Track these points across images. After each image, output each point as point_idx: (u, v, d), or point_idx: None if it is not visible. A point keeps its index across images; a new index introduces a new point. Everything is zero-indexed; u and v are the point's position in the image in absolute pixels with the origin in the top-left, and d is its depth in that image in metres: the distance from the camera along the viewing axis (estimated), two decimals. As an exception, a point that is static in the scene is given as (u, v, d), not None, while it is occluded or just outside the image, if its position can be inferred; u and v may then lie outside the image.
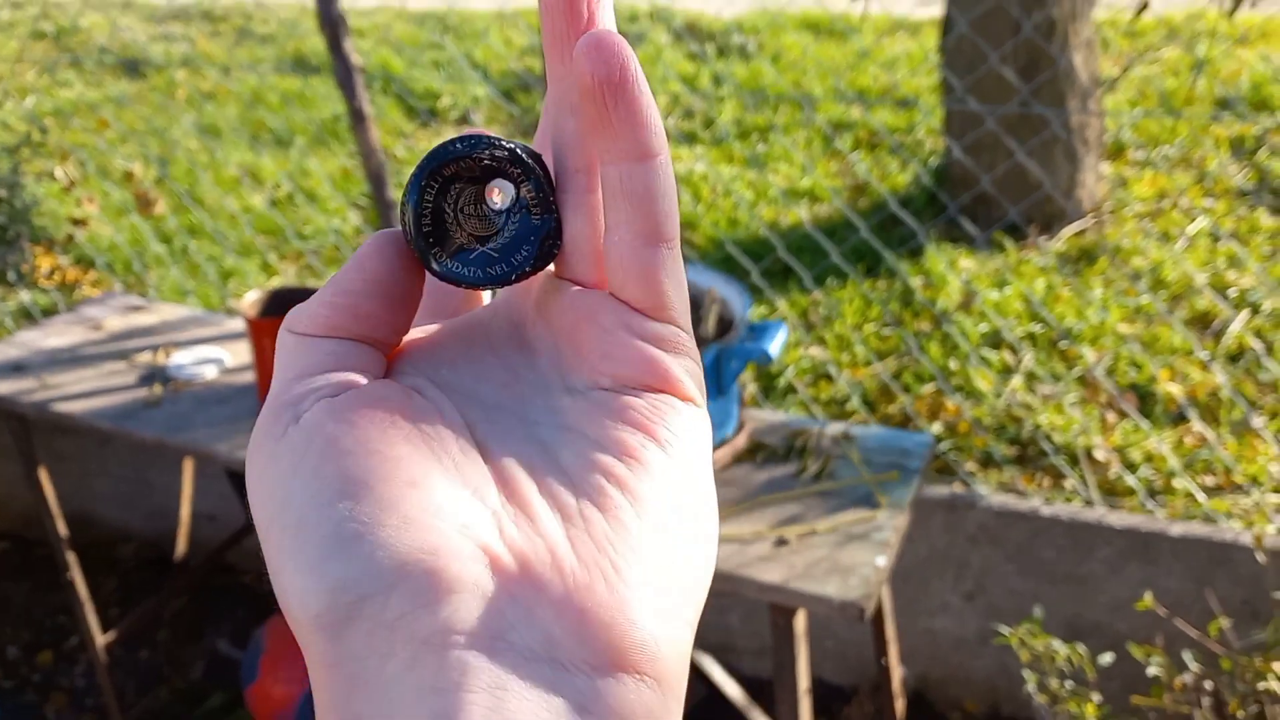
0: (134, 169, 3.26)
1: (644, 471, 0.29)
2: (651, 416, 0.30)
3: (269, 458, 0.29)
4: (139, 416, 1.62)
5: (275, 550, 0.28)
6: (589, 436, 0.30)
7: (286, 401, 0.30)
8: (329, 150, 3.84)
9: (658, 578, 0.28)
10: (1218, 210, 3.09)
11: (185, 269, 3.14)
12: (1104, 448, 2.22)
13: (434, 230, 0.31)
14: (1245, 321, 2.58)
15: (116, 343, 1.85)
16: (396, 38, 4.75)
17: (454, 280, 0.32)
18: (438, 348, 0.33)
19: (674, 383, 0.31)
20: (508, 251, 0.32)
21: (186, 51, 4.83)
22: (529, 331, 0.34)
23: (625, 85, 0.28)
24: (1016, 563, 1.78)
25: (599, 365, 0.31)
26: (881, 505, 1.31)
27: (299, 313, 0.31)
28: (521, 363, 0.33)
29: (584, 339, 0.31)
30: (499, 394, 0.32)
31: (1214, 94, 3.76)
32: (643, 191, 0.29)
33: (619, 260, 0.30)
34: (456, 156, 0.31)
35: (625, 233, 0.30)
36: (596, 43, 0.28)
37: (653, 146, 0.29)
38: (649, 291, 0.30)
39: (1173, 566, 1.71)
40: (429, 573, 0.26)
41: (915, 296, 2.77)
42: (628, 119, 0.29)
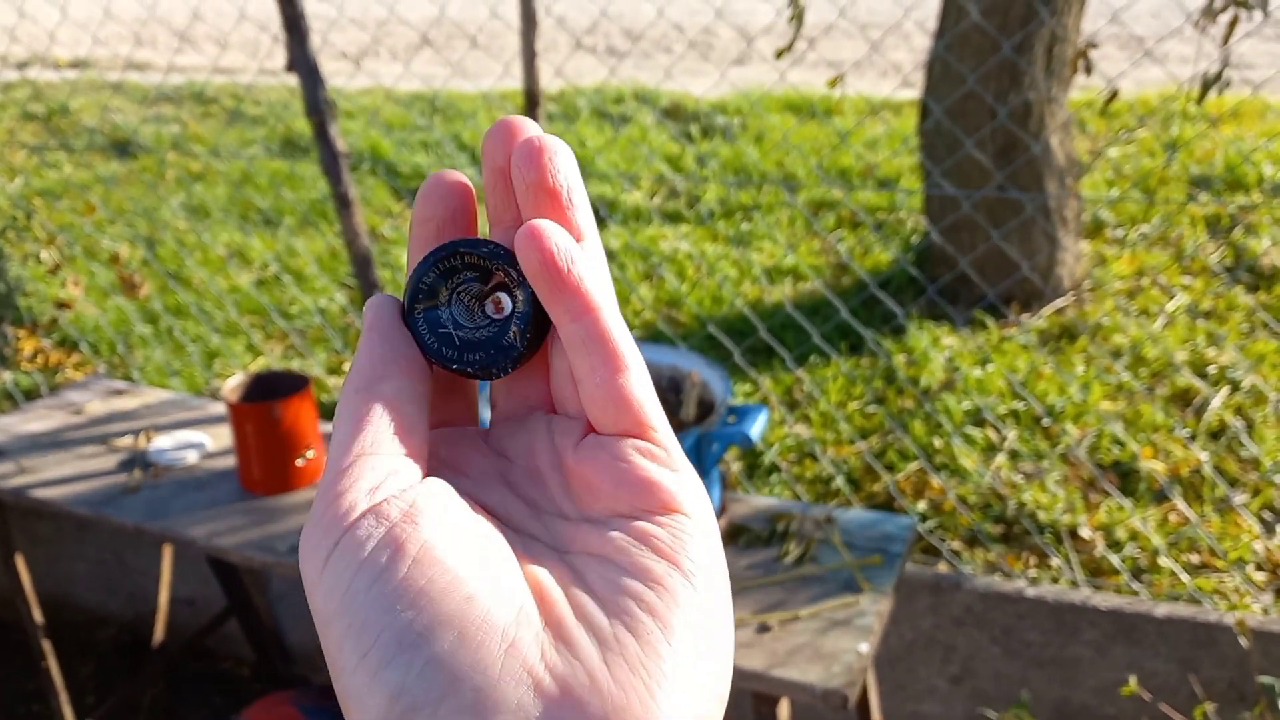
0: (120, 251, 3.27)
1: (671, 600, 0.31)
2: (674, 546, 0.32)
3: (330, 556, 0.30)
4: (118, 502, 1.61)
5: (336, 646, 0.29)
6: (616, 564, 0.32)
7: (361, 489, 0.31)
8: (316, 231, 3.87)
9: (687, 699, 0.30)
10: (1195, 288, 3.12)
11: (170, 350, 3.14)
12: (1088, 527, 2.22)
13: (429, 328, 0.35)
14: (1225, 399, 2.60)
15: (97, 427, 1.85)
16: (384, 120, 4.81)
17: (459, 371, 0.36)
18: (460, 476, 0.36)
19: (675, 497, 0.34)
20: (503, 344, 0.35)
21: (176, 133, 4.88)
22: (539, 467, 0.37)
23: (566, 268, 0.33)
24: (1002, 645, 1.77)
25: (612, 497, 0.34)
26: (865, 590, 1.31)
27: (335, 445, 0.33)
28: (538, 495, 0.36)
29: (592, 473, 0.34)
30: (526, 522, 0.35)
31: (1189, 174, 3.82)
32: (600, 335, 0.33)
33: (602, 398, 0.34)
34: (452, 250, 0.35)
35: (598, 371, 0.34)
36: (534, 237, 0.33)
37: (597, 299, 0.34)
38: (634, 412, 0.34)
39: (1158, 648, 1.70)
40: (477, 690, 0.28)
41: (898, 375, 2.78)
42: (573, 289, 0.33)
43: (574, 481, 0.35)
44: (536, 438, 0.37)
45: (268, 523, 1.54)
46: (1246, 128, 4.19)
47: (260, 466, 1.60)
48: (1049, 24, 2.76)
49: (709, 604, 0.32)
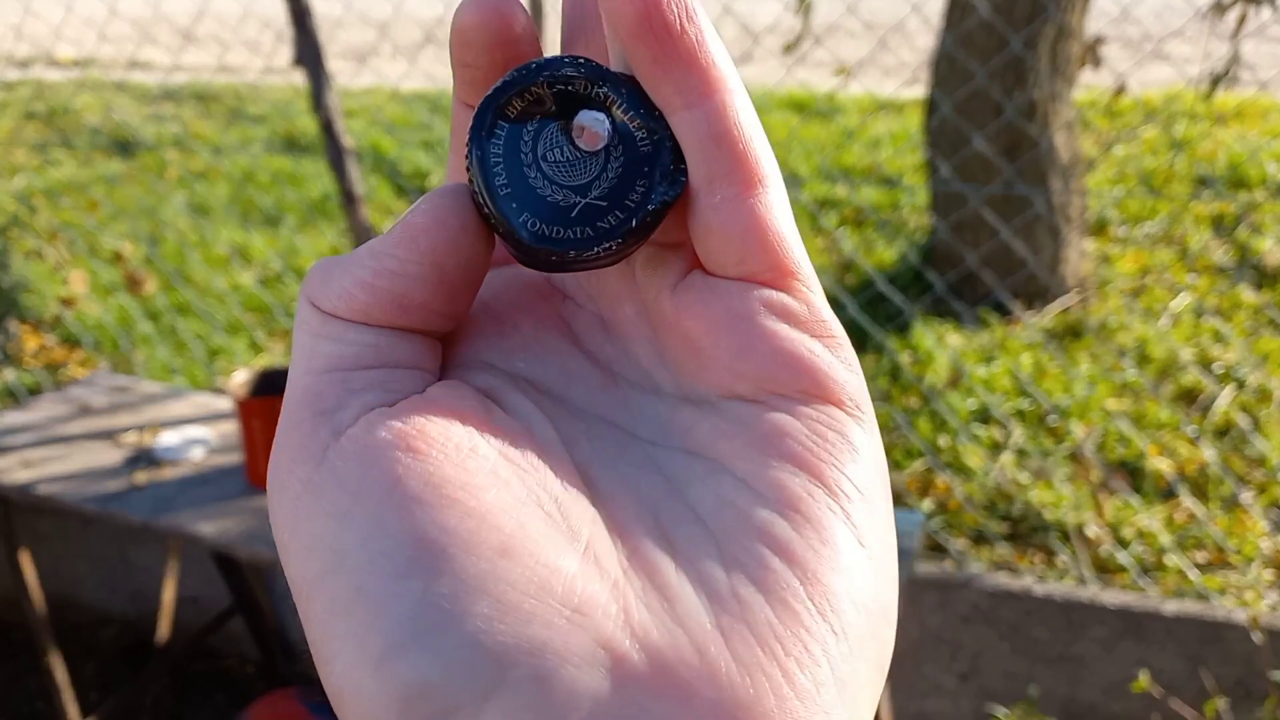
0: (123, 249, 3.27)
1: (821, 542, 0.22)
2: (818, 450, 0.23)
3: (305, 489, 0.22)
4: (124, 499, 1.61)
5: (320, 629, 0.21)
6: (732, 473, 0.23)
7: (321, 407, 0.23)
8: (318, 229, 3.86)
9: (845, 698, 0.21)
10: (1200, 286, 3.12)
11: (173, 348, 3.14)
12: (1095, 524, 2.21)
13: (513, 189, 0.24)
14: (1231, 397, 2.59)
15: (102, 423, 1.84)
16: (388, 119, 4.81)
17: (556, 250, 0.24)
18: (505, 329, 0.26)
19: (837, 386, 0.24)
20: (619, 194, 0.24)
21: (178, 132, 4.88)
22: (614, 312, 0.27)
23: (680, 13, 0.23)
24: (1010, 643, 1.77)
25: (734, 364, 0.24)
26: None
27: (327, 279, 0.24)
28: (615, 354, 0.26)
29: (700, 329, 0.24)
30: (596, 398, 0.25)
31: (1193, 173, 3.82)
32: (727, 130, 0.23)
33: (721, 222, 0.24)
34: (519, 88, 0.24)
35: (719, 186, 0.23)
36: None
37: (725, 77, 0.23)
38: (770, 250, 0.24)
39: (1166, 645, 1.69)
40: (535, 680, 0.19)
41: (903, 373, 2.77)
42: (688, 52, 0.23)
43: (671, 338, 0.25)
44: (616, 269, 0.27)
45: (274, 519, 1.54)
46: (1250, 127, 4.18)
47: (267, 462, 1.60)
48: (1055, 20, 2.75)
49: (873, 550, 0.23)
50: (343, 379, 0.23)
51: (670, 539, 0.22)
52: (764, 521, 0.22)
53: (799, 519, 0.22)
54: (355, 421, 0.22)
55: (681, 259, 0.25)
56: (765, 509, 0.22)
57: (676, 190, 0.24)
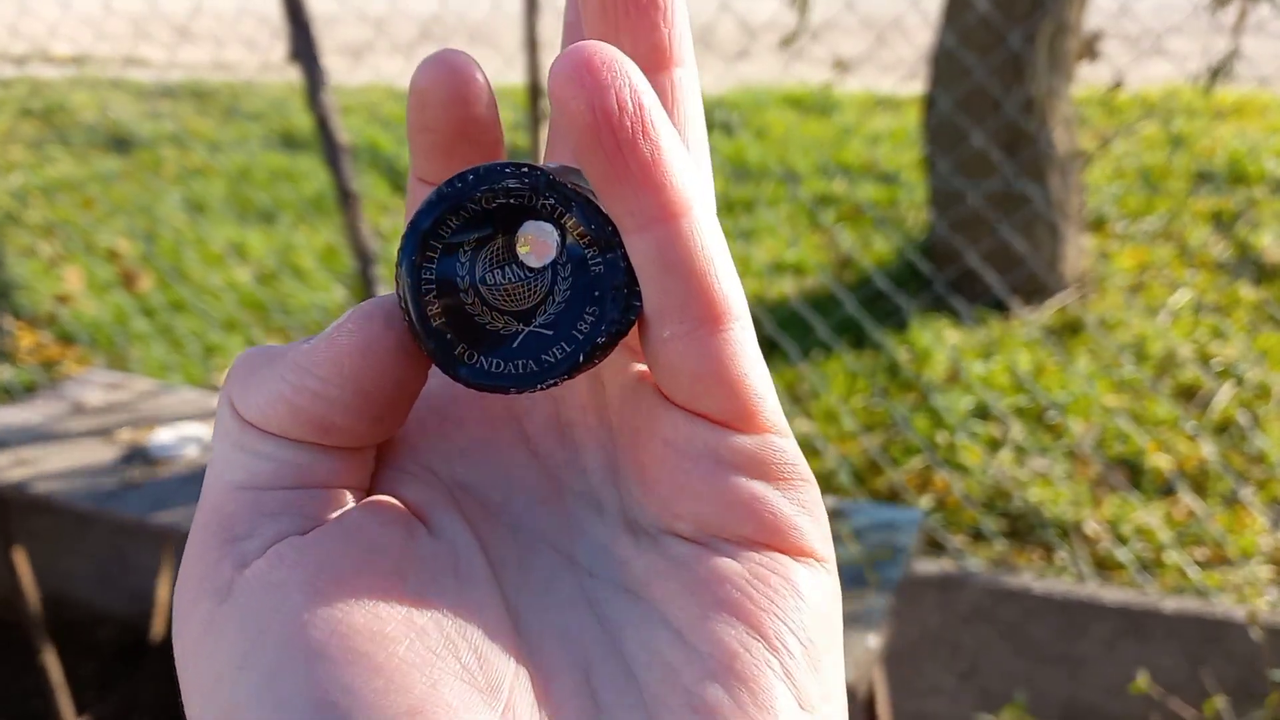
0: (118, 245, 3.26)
1: (753, 703, 0.20)
2: (758, 598, 0.21)
3: (205, 628, 0.20)
4: (119, 497, 1.60)
5: None
6: (668, 623, 0.21)
7: (230, 533, 0.21)
8: (315, 226, 3.86)
9: None
10: (1199, 283, 3.11)
11: (169, 345, 3.13)
12: (1094, 522, 2.21)
13: (448, 318, 0.22)
14: (1230, 394, 2.59)
15: (97, 420, 1.84)
16: (385, 115, 4.80)
17: (494, 385, 0.22)
18: (450, 425, 0.24)
19: (786, 533, 0.22)
20: (565, 323, 0.22)
21: (175, 129, 4.87)
22: (573, 417, 0.25)
23: (635, 128, 0.20)
24: (1010, 642, 1.76)
25: (676, 501, 0.22)
26: (872, 584, 1.30)
27: (247, 383, 0.22)
28: (565, 463, 0.24)
29: (651, 454, 0.22)
30: (536, 514, 0.24)
31: (1192, 169, 3.81)
32: (685, 260, 0.21)
33: (676, 361, 0.21)
34: (454, 204, 0.22)
35: (674, 321, 0.21)
36: (583, 65, 0.20)
37: (685, 197, 0.21)
38: (729, 395, 0.21)
39: (1167, 644, 1.69)
40: None
41: (901, 370, 2.77)
42: (643, 169, 0.20)
43: (624, 457, 0.23)
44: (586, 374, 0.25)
45: (270, 517, 1.53)
46: (1249, 123, 4.18)
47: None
48: (1053, 15, 2.74)
49: (819, 711, 0.21)
50: (255, 499, 0.21)
51: (598, 699, 0.20)
52: (697, 685, 0.20)
53: (734, 682, 0.20)
54: (263, 553, 0.21)
55: (636, 366, 0.24)
56: (698, 669, 0.20)
57: (631, 318, 0.22)
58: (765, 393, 0.22)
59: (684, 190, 0.21)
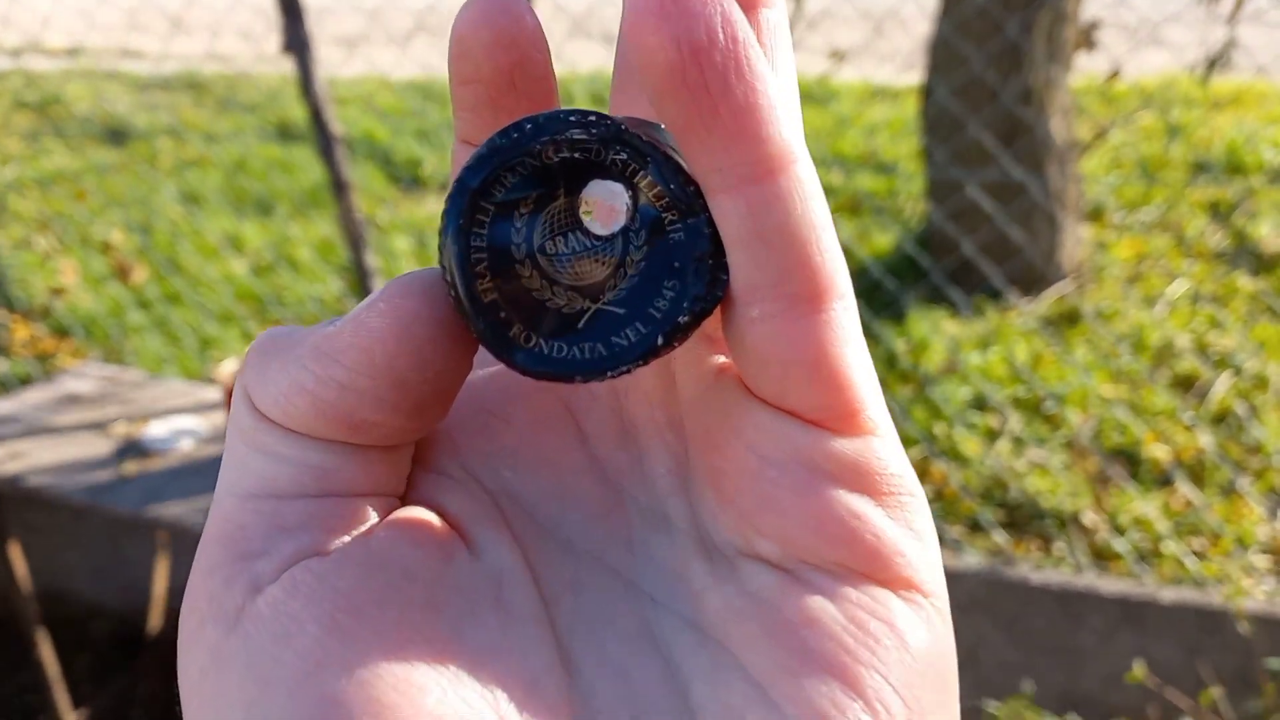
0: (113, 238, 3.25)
1: None
2: (857, 648, 0.18)
3: (212, 660, 0.18)
4: (113, 490, 1.59)
5: None
6: (746, 674, 0.18)
7: (243, 550, 0.18)
8: (311, 218, 3.84)
9: None
10: (1197, 273, 3.11)
11: (165, 338, 3.12)
12: (1092, 512, 2.21)
13: (502, 293, 0.19)
14: (1228, 384, 2.58)
15: (91, 414, 1.83)
16: (380, 107, 4.78)
17: (558, 374, 0.19)
18: (498, 422, 0.21)
19: (889, 562, 0.18)
20: (640, 299, 0.19)
21: (170, 121, 4.86)
22: (639, 415, 0.21)
23: (728, 67, 0.16)
24: (1008, 633, 1.76)
25: (759, 518, 0.19)
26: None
27: (264, 370, 0.19)
28: (628, 470, 0.21)
29: (733, 460, 0.19)
30: (594, 529, 0.20)
31: (1190, 159, 3.81)
32: (782, 226, 0.18)
33: (766, 345, 0.18)
34: (509, 158, 0.18)
35: (767, 298, 0.18)
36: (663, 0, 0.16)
37: (784, 154, 0.18)
38: (826, 389, 0.18)
39: (1164, 634, 1.69)
40: None
41: (899, 361, 2.76)
42: (738, 117, 0.17)
43: (698, 462, 0.20)
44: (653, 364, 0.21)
45: (264, 511, 1.53)
46: (1247, 112, 4.17)
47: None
48: (1051, 4, 2.73)
49: None
50: (272, 511, 0.19)
51: None
52: None
53: None
54: (278, 577, 0.18)
55: (714, 363, 0.20)
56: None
57: (718, 294, 0.19)
58: (870, 388, 0.19)
59: (784, 143, 0.18)
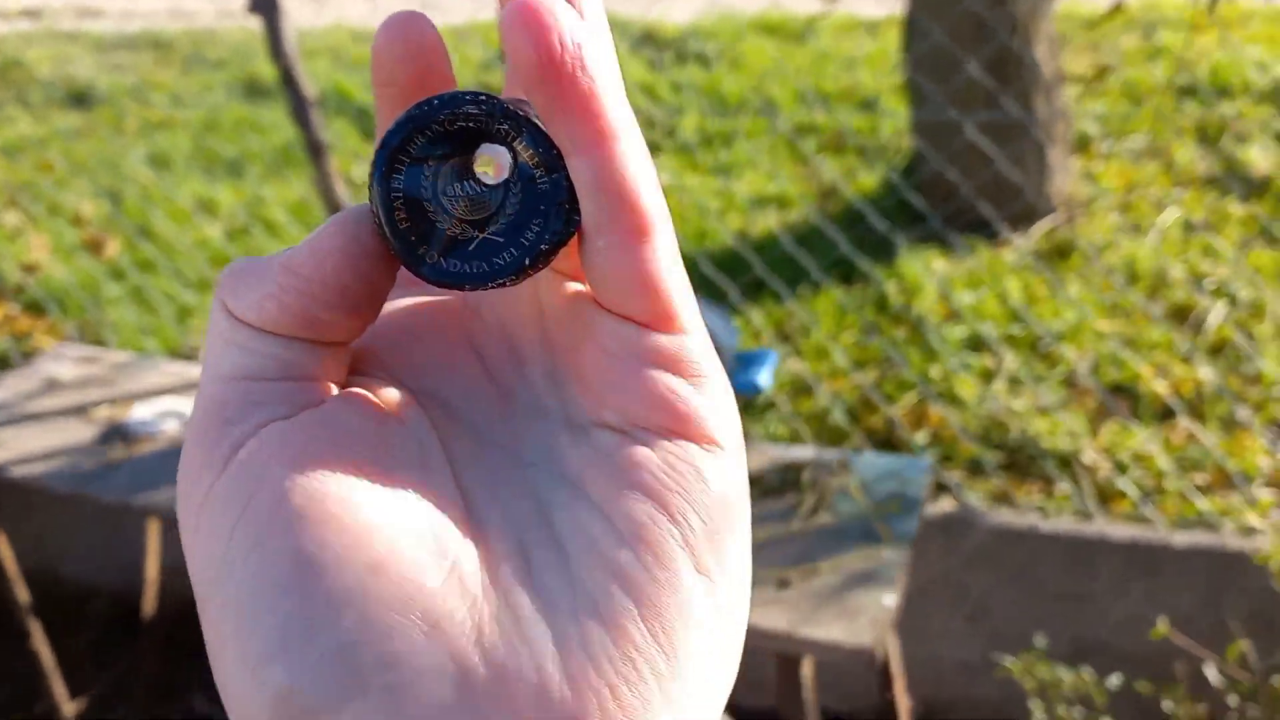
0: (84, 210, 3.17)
1: (667, 578, 0.23)
2: (667, 480, 0.24)
3: (204, 501, 0.24)
4: (100, 478, 1.55)
5: (213, 628, 0.23)
6: (592, 500, 0.24)
7: (224, 417, 0.24)
8: (285, 178, 3.76)
9: (662, 707, 0.22)
10: (1187, 200, 3.07)
11: (141, 309, 3.05)
12: (1092, 451, 2.18)
13: (413, 223, 0.25)
14: (1224, 314, 2.56)
15: (73, 397, 1.78)
16: (351, 60, 4.67)
17: (452, 282, 0.25)
18: (412, 340, 0.28)
19: (695, 423, 0.25)
20: (514, 231, 0.25)
21: (135, 82, 4.73)
22: (518, 333, 0.28)
23: (574, 66, 0.23)
24: (1018, 583, 1.74)
25: (605, 397, 0.25)
26: (885, 539, 1.26)
27: (239, 286, 0.25)
28: (513, 374, 0.27)
29: (585, 359, 0.26)
30: (488, 416, 0.27)
31: (1175, 82, 3.75)
32: (617, 179, 0.24)
33: (607, 268, 0.24)
34: (420, 125, 0.25)
35: (607, 233, 0.24)
36: (528, 12, 0.23)
37: (617, 125, 0.24)
38: (652, 298, 0.24)
39: (1178, 580, 1.67)
40: (387, 690, 0.21)
41: (890, 303, 2.72)
42: (582, 101, 0.23)
43: (562, 364, 0.26)
44: (526, 297, 0.28)
45: (258, 494, 1.48)
46: (1230, 32, 4.11)
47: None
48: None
49: (714, 578, 0.24)
50: (246, 389, 0.24)
51: (529, 562, 0.23)
52: (609, 548, 0.23)
53: (641, 547, 0.23)
54: (254, 435, 0.24)
55: (580, 290, 0.26)
56: (612, 536, 0.23)
57: (570, 230, 0.25)
58: (684, 298, 0.25)
59: (616, 119, 0.24)
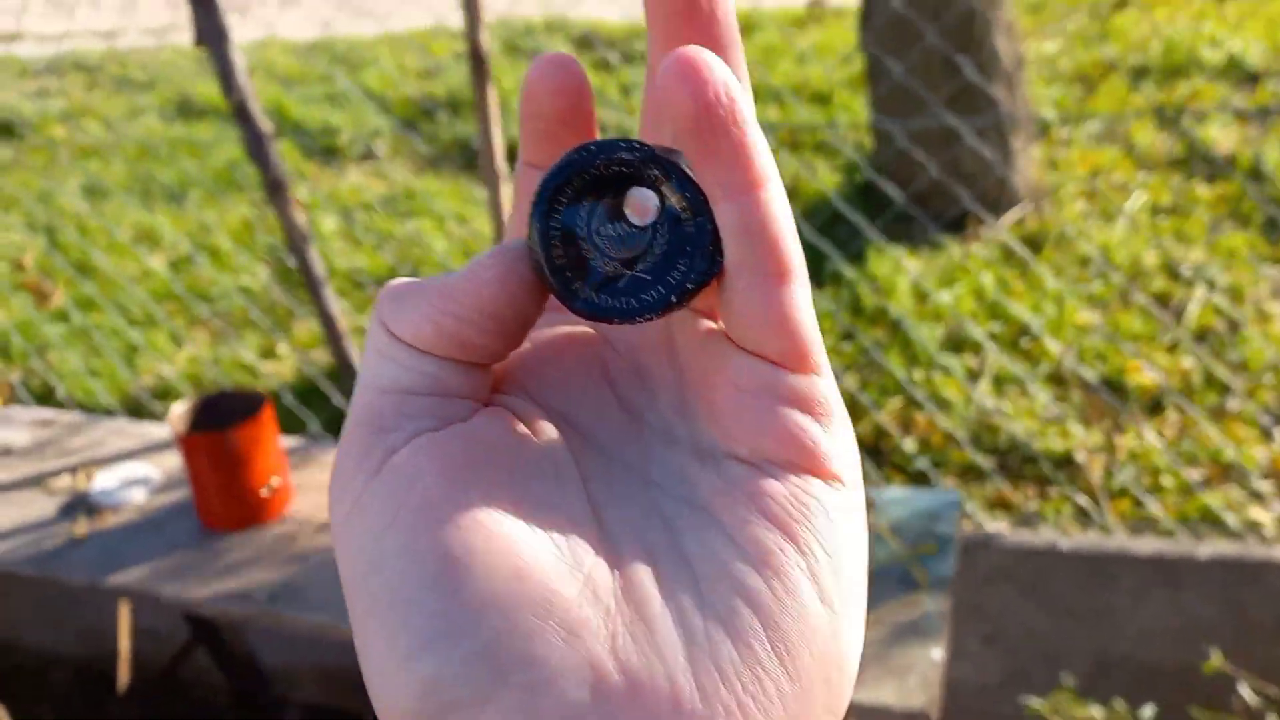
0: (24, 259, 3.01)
1: (789, 598, 0.24)
2: (794, 511, 0.25)
3: (356, 503, 0.25)
4: (64, 557, 1.43)
5: (360, 622, 0.24)
6: (721, 525, 0.25)
7: (379, 426, 0.25)
8: (227, 202, 3.61)
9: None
10: (1153, 184, 3.04)
11: (86, 350, 2.91)
12: (1085, 450, 2.14)
13: (568, 259, 0.26)
14: (1203, 301, 2.53)
15: (28, 466, 1.65)
16: (284, 74, 4.52)
17: (603, 316, 0.27)
18: (550, 366, 0.29)
19: (821, 460, 0.26)
20: (662, 270, 0.26)
21: (64, 107, 4.55)
22: (649, 363, 0.29)
23: (728, 118, 0.24)
24: (1035, 600, 1.68)
25: (735, 430, 0.26)
26: (922, 584, 1.19)
27: (399, 307, 0.26)
28: (643, 402, 0.28)
29: (717, 392, 0.27)
30: (618, 440, 0.28)
31: (1128, 63, 3.73)
32: (762, 224, 0.25)
33: (747, 308, 0.25)
34: (579, 169, 0.26)
35: (750, 274, 0.25)
36: (688, 66, 0.24)
37: (765, 173, 0.25)
38: (788, 339, 0.26)
39: (1200, 589, 1.62)
40: (526, 689, 0.22)
41: (864, 302, 2.66)
42: (733, 150, 0.25)
43: (693, 396, 0.27)
44: (657, 327, 0.29)
45: (239, 567, 1.38)
46: (1176, 10, 4.10)
47: (221, 502, 1.43)
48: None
49: (835, 607, 0.25)
50: (400, 401, 0.26)
51: (660, 578, 0.24)
52: (739, 572, 0.24)
53: (769, 572, 0.24)
54: (406, 444, 0.25)
55: (713, 326, 0.28)
56: (741, 560, 0.24)
57: (714, 270, 0.26)
58: (817, 341, 0.26)
59: (764, 167, 0.25)
